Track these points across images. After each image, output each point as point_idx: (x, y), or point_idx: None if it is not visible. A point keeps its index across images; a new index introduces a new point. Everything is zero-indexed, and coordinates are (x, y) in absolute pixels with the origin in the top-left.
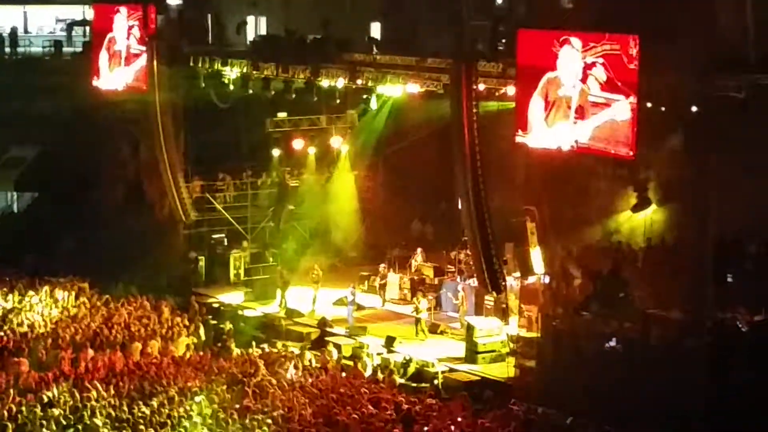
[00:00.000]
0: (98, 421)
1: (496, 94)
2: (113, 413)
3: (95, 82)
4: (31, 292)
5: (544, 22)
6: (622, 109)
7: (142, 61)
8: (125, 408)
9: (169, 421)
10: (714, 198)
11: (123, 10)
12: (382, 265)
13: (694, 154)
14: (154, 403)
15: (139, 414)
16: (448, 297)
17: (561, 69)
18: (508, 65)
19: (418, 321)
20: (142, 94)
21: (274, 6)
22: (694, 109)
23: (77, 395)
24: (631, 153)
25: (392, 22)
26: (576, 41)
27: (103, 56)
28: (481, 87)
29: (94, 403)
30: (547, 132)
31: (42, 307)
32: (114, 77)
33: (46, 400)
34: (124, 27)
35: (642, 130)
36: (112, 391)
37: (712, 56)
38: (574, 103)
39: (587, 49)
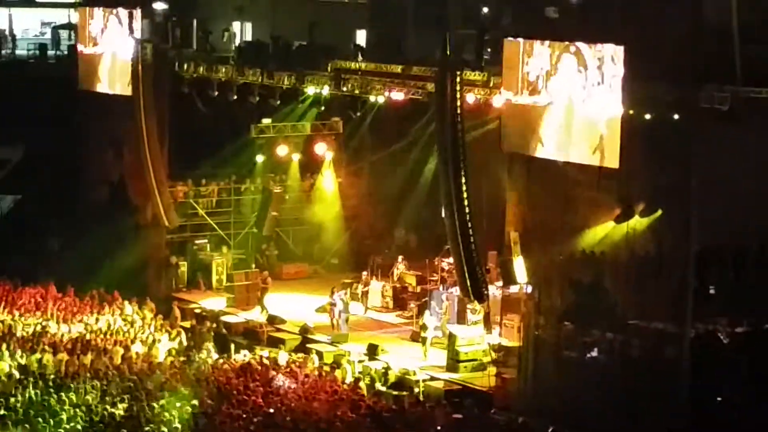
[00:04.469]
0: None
1: (482, 103)
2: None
3: (80, 85)
4: None
5: (530, 31)
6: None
7: (127, 64)
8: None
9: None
10: (697, 209)
11: (109, 14)
12: (365, 273)
13: (677, 165)
14: (134, 406)
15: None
16: (433, 306)
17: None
18: (494, 74)
19: (424, 340)
20: (126, 97)
21: (260, 12)
22: (676, 117)
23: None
24: (617, 163)
25: (378, 30)
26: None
27: (88, 59)
28: (471, 99)
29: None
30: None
31: None
32: (98, 80)
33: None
34: (109, 31)
35: (627, 140)
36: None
37: (696, 66)
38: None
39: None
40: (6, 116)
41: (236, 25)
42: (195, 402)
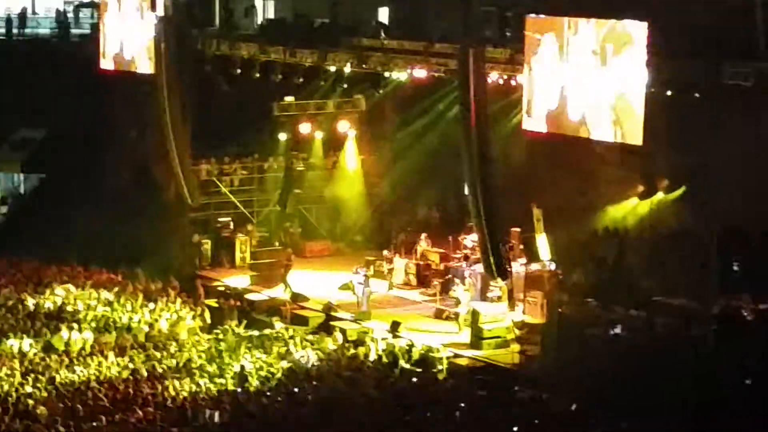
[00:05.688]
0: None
1: (503, 82)
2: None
3: (103, 64)
4: None
5: (551, 7)
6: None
7: (149, 43)
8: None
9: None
10: (719, 186)
11: None
12: (388, 250)
13: (700, 142)
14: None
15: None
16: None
17: (563, 52)
18: (516, 51)
19: (457, 315)
20: (149, 76)
21: None
22: (699, 94)
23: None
24: (640, 140)
25: (400, 7)
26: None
27: (111, 38)
28: (495, 76)
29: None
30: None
31: None
32: (121, 59)
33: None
34: (131, 9)
35: (650, 117)
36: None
37: (719, 43)
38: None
39: (594, 34)
40: (29, 95)
41: (258, 3)
42: (221, 381)
